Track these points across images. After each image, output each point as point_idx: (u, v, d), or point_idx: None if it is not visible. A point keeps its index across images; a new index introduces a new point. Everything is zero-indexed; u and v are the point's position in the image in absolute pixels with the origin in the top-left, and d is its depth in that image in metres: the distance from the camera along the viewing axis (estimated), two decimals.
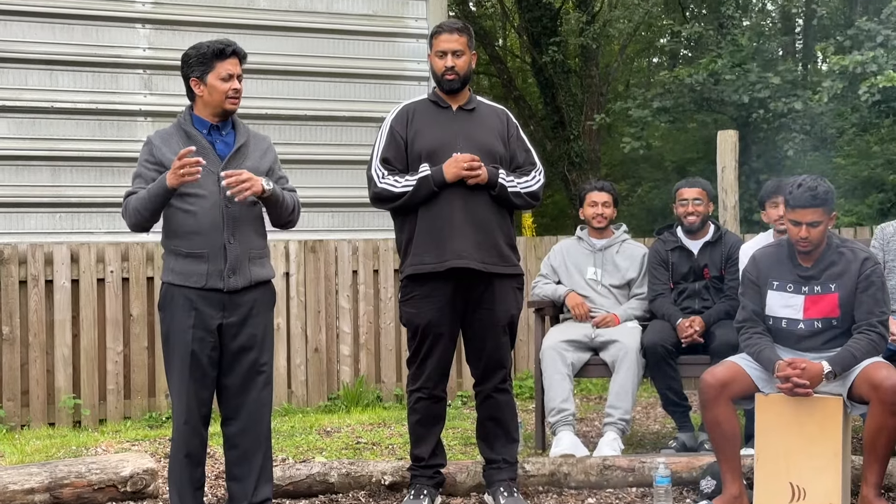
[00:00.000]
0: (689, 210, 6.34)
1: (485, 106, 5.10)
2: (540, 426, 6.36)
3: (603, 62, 19.30)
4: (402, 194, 4.84)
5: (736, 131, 8.78)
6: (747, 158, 14.26)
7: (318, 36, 9.02)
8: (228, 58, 4.40)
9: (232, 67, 4.40)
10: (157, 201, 4.29)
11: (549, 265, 6.65)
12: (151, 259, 7.75)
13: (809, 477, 4.63)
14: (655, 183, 17.43)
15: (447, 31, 4.96)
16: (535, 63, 19.06)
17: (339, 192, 8.78)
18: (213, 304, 4.35)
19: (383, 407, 8.13)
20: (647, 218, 14.71)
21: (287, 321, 8.12)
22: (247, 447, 4.49)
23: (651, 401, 8.05)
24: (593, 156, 18.31)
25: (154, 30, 8.54)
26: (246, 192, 4.26)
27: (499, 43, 22.26)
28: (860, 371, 4.67)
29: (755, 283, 4.96)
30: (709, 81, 14.54)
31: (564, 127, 18.35)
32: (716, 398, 4.77)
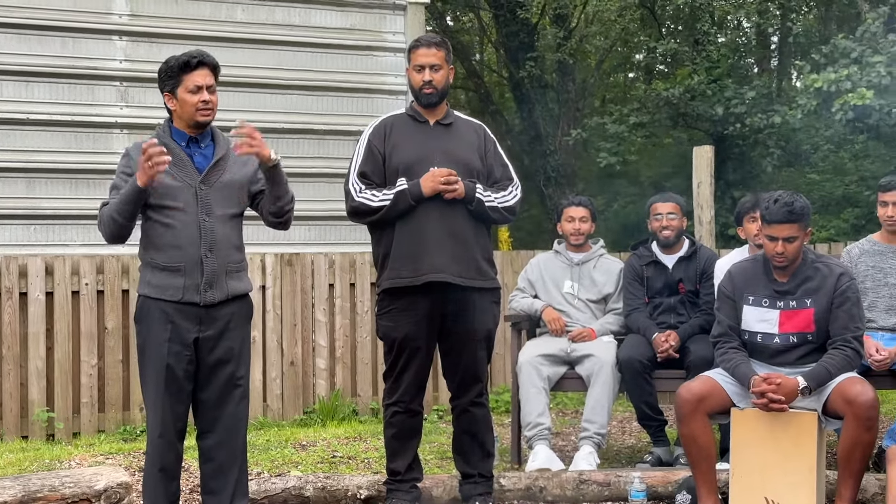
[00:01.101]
0: (663, 224, 6.36)
1: (462, 121, 5.11)
2: (516, 440, 6.36)
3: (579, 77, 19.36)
4: (379, 208, 4.84)
5: (711, 146, 8.81)
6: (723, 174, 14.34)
7: (296, 49, 9.02)
8: (195, 69, 4.36)
9: (200, 79, 4.36)
10: (130, 204, 4.25)
11: (526, 279, 6.66)
12: (127, 272, 7.71)
13: (784, 492, 4.65)
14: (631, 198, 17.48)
15: (425, 46, 4.97)
16: (512, 78, 19.10)
17: (316, 206, 8.77)
18: (189, 318, 4.33)
19: (359, 421, 8.10)
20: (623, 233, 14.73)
21: (263, 334, 8.09)
22: (222, 461, 4.47)
23: (627, 415, 8.05)
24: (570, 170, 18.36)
25: (131, 42, 8.52)
26: (249, 149, 4.25)
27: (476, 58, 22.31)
28: (835, 386, 4.70)
29: (731, 298, 4.98)
30: (685, 97, 14.62)
31: (541, 141, 18.40)
32: (691, 413, 4.78)
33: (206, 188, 4.35)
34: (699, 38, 15.89)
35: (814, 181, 16.20)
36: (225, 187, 4.39)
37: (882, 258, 5.95)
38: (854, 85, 11.08)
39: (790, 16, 17.60)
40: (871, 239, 6.08)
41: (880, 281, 5.93)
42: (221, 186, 4.38)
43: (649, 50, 17.02)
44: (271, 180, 4.39)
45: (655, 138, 16.37)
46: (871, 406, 4.59)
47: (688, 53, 15.75)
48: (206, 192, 4.34)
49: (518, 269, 8.04)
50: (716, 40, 16.33)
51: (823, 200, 15.34)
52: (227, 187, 4.40)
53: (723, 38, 16.97)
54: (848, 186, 15.13)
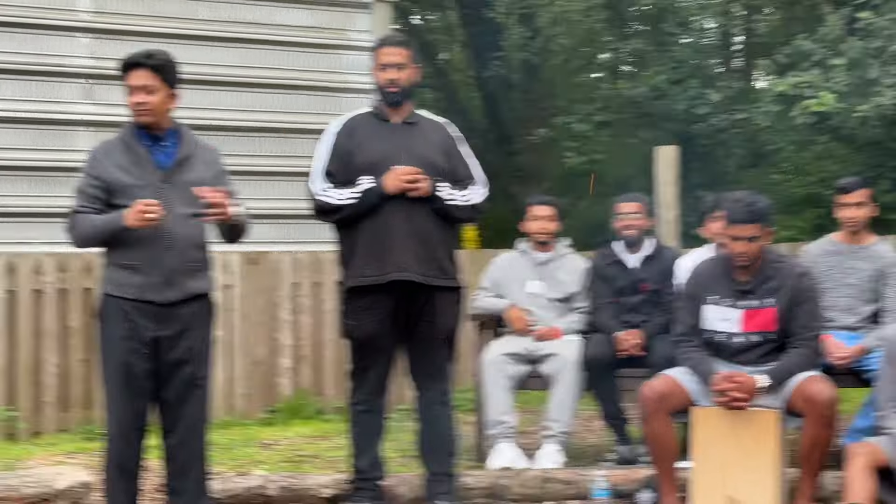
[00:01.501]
0: (626, 224, 6.39)
1: (427, 120, 5.12)
2: (480, 439, 6.37)
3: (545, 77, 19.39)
4: (343, 207, 4.84)
5: (676, 146, 8.85)
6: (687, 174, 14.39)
7: (261, 47, 8.99)
8: (130, 70, 4.39)
9: (134, 80, 4.37)
10: (111, 235, 4.31)
11: (491, 278, 6.67)
12: (90, 270, 7.65)
13: (745, 489, 4.69)
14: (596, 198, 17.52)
15: (390, 45, 4.98)
16: (478, 77, 19.10)
17: (281, 204, 8.75)
18: (147, 316, 4.33)
19: (323, 420, 8.08)
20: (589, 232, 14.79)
21: (227, 333, 8.06)
22: (184, 461, 4.47)
23: (590, 414, 8.07)
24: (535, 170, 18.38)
25: (96, 39, 8.47)
26: (214, 219, 4.26)
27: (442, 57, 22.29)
28: (795, 385, 4.75)
29: (692, 297, 5.02)
30: (649, 96, 14.69)
31: (507, 141, 18.40)
32: (654, 411, 4.82)
33: (166, 187, 4.34)
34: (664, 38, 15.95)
35: (776, 181, 16.30)
36: (186, 186, 4.38)
37: (842, 258, 6.01)
38: (815, 89, 11.17)
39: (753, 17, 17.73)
40: (831, 239, 6.14)
41: (840, 281, 5.99)
42: (183, 185, 4.37)
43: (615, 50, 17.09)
44: (228, 235, 4.44)
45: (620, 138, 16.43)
46: (831, 404, 4.65)
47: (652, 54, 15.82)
48: (166, 191, 4.33)
49: (483, 268, 8.05)
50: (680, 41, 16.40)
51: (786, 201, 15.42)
52: (189, 186, 4.39)
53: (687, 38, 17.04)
54: (810, 187, 15.24)
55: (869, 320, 5.99)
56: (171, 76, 4.43)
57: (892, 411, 4.75)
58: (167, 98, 4.42)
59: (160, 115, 4.41)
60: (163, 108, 4.41)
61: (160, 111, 4.40)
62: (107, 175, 4.34)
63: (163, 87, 4.39)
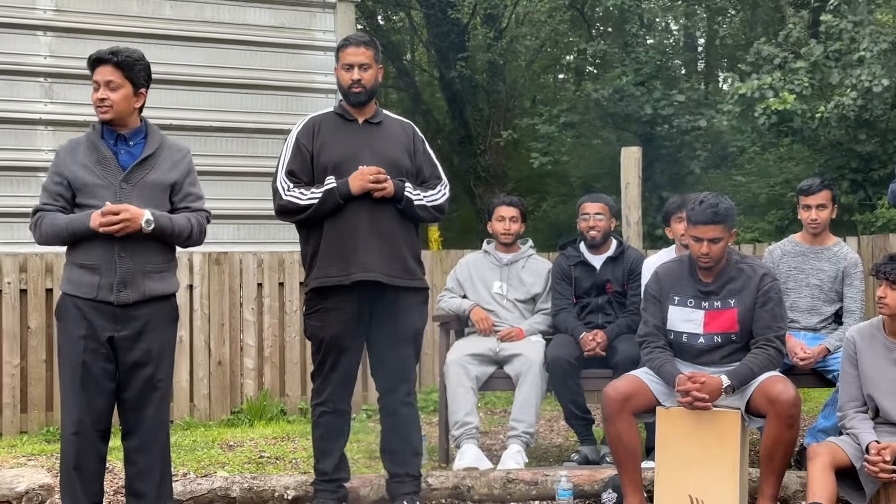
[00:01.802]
0: (590, 224, 6.40)
1: (391, 119, 5.11)
2: (444, 439, 6.37)
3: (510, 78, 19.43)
4: (307, 207, 4.82)
5: (639, 147, 8.88)
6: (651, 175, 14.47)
7: (225, 47, 8.96)
8: (94, 66, 4.37)
9: (98, 76, 4.35)
10: (73, 236, 4.29)
11: (455, 279, 6.67)
12: (50, 270, 7.60)
13: (708, 489, 4.71)
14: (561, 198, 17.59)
15: (354, 45, 4.96)
16: (442, 78, 19.12)
17: (244, 204, 8.72)
18: (104, 317, 4.30)
19: (287, 421, 8.07)
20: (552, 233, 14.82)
21: (190, 334, 8.02)
22: (145, 463, 4.43)
23: (554, 414, 8.10)
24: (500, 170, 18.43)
25: (56, 37, 8.40)
26: (121, 233, 4.22)
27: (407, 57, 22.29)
28: (757, 385, 4.77)
29: (657, 298, 5.03)
30: (614, 97, 14.74)
31: (472, 141, 18.44)
32: (618, 412, 4.83)
33: (127, 187, 4.31)
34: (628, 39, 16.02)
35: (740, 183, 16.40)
36: (148, 187, 4.35)
37: (804, 259, 6.05)
38: (777, 92, 11.25)
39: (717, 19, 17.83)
40: (793, 240, 6.18)
41: (802, 281, 6.03)
42: (144, 186, 4.34)
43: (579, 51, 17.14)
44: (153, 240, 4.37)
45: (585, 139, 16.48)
46: (793, 404, 4.67)
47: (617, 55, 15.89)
48: (126, 191, 4.30)
49: (447, 269, 8.05)
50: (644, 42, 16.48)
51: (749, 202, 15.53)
52: (151, 187, 4.36)
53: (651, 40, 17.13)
54: (773, 188, 15.34)
55: (831, 321, 6.04)
56: (136, 75, 4.39)
57: (853, 411, 4.79)
58: (131, 96, 4.38)
59: (124, 114, 4.37)
60: (126, 107, 4.37)
61: (123, 109, 4.36)
62: (69, 173, 4.31)
63: (127, 84, 4.36)
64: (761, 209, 15.02)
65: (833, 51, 11.43)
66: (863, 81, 10.79)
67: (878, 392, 4.74)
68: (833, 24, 11.37)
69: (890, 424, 4.72)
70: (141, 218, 4.24)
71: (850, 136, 12.22)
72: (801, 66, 11.41)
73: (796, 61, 11.62)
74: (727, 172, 17.15)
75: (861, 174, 12.44)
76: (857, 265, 6.03)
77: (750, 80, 11.73)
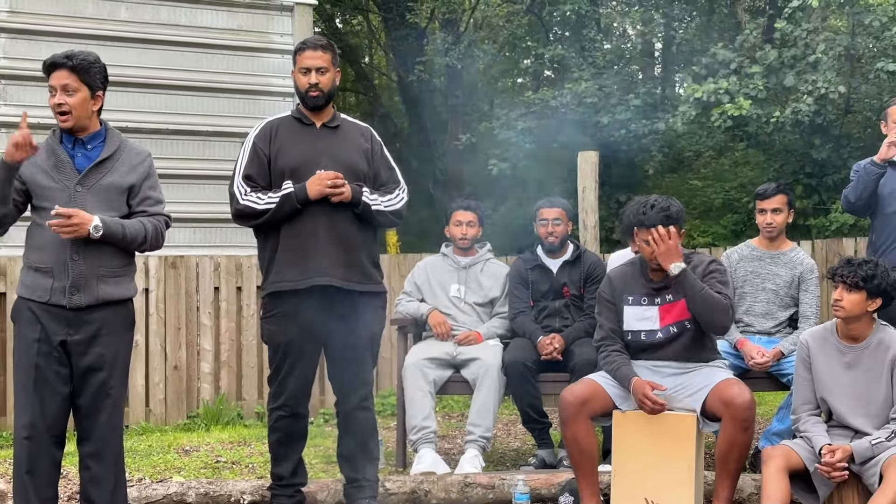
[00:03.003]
0: (549, 230, 6.42)
1: (349, 123, 5.10)
2: (401, 444, 6.37)
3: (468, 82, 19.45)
4: (264, 211, 4.81)
5: (596, 152, 8.91)
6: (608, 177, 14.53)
7: (182, 49, 8.92)
8: (49, 71, 4.34)
9: (55, 80, 4.32)
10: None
11: (413, 283, 6.67)
12: (4, 274, 7.51)
13: (664, 492, 4.74)
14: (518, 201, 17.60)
15: (311, 48, 4.95)
16: (401, 81, 19.11)
17: (201, 208, 8.67)
18: (57, 320, 4.28)
19: (244, 425, 8.03)
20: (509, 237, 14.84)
21: (146, 338, 7.96)
22: (99, 470, 4.40)
23: (512, 418, 8.12)
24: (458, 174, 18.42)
25: (9, 39, 8.32)
26: (69, 235, 4.18)
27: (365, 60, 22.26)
28: (713, 388, 4.80)
29: (610, 302, 5.06)
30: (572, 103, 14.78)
31: (430, 145, 18.44)
32: (575, 415, 4.85)
33: (82, 190, 4.29)
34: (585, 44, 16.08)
35: (696, 187, 16.52)
36: (104, 190, 4.33)
37: (760, 263, 6.10)
38: (732, 96, 11.34)
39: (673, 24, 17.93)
40: (750, 244, 6.23)
41: (758, 286, 6.08)
42: (100, 189, 4.32)
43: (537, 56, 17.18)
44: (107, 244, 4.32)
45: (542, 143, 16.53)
46: (748, 408, 4.71)
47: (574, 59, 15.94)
48: (81, 195, 4.28)
49: (405, 273, 8.04)
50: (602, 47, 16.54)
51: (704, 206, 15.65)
52: (107, 190, 4.34)
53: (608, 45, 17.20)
54: (728, 193, 15.46)
55: (785, 325, 6.10)
56: (93, 78, 4.35)
57: (807, 414, 4.84)
58: (89, 99, 4.35)
59: (81, 117, 4.34)
60: (84, 111, 4.34)
61: (81, 113, 4.33)
62: (26, 174, 4.29)
63: (83, 88, 4.33)
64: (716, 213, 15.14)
65: (789, 57, 11.54)
66: (819, 89, 10.90)
67: (830, 395, 4.80)
68: (787, 30, 11.47)
69: (843, 427, 4.77)
70: (89, 224, 4.20)
71: (805, 142, 12.34)
72: (756, 71, 11.51)
73: (752, 66, 11.72)
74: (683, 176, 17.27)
75: (815, 179, 12.57)
76: (812, 270, 6.09)
77: (706, 83, 11.81)
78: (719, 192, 15.60)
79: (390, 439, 6.80)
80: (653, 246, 4.80)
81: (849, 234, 10.51)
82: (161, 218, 4.48)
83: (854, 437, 4.71)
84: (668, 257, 4.79)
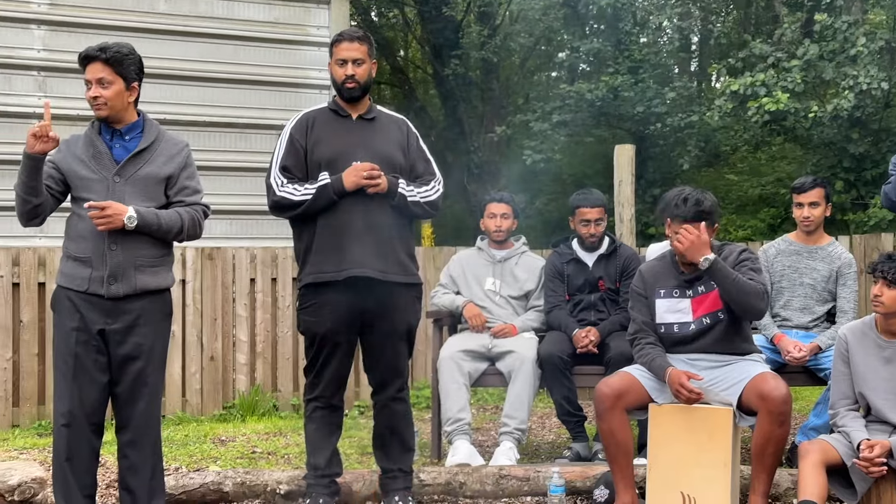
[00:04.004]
0: (591, 231, 6.38)
1: (385, 115, 5.11)
2: (436, 435, 6.38)
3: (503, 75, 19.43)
4: (301, 203, 4.82)
5: (633, 145, 8.89)
6: (644, 172, 14.50)
7: (219, 42, 8.95)
8: (86, 64, 4.37)
9: (90, 73, 4.36)
10: (23, 174, 4.26)
11: (449, 275, 6.67)
12: (43, 264, 7.59)
13: (699, 486, 4.72)
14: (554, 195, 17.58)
15: (348, 40, 4.95)
16: (436, 74, 19.11)
17: (238, 200, 8.71)
18: (95, 309, 4.31)
19: (279, 416, 8.07)
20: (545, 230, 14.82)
21: (183, 329, 8.02)
22: (137, 457, 4.43)
23: (546, 411, 8.12)
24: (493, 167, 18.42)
25: (50, 31, 8.38)
26: (105, 227, 4.23)
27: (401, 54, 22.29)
28: (749, 382, 4.78)
29: (643, 296, 5.05)
30: (608, 97, 14.75)
31: (465, 138, 18.44)
32: (610, 408, 4.83)
33: (120, 181, 4.32)
34: (622, 38, 16.03)
35: (732, 182, 16.45)
36: (141, 181, 4.36)
37: (798, 258, 6.07)
38: (769, 89, 11.27)
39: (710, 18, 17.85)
40: (788, 238, 6.20)
41: (795, 280, 6.05)
42: (137, 180, 4.35)
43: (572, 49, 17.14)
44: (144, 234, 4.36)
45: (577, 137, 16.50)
46: (784, 402, 4.68)
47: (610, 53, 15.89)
48: (119, 185, 4.31)
49: (440, 265, 8.06)
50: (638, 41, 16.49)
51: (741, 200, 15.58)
52: (145, 181, 4.36)
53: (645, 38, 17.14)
54: (764, 187, 15.39)
55: (823, 320, 6.06)
56: (127, 69, 4.39)
57: (845, 409, 4.80)
58: (124, 91, 4.38)
59: (118, 109, 4.38)
60: (120, 102, 4.37)
61: (117, 105, 4.37)
62: (64, 165, 4.34)
63: (118, 80, 4.36)
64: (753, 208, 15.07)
65: (828, 51, 11.45)
66: (860, 84, 10.80)
67: (869, 390, 4.76)
68: (827, 23, 11.38)
69: (881, 422, 4.73)
70: (123, 215, 4.24)
71: (843, 136, 12.25)
72: (794, 65, 11.43)
73: (790, 60, 11.64)
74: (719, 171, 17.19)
75: (853, 173, 12.48)
76: (851, 265, 6.05)
77: (742, 77, 11.74)
78: (756, 187, 15.52)
79: (425, 431, 6.82)
80: (681, 241, 4.78)
81: (888, 230, 10.44)
82: (199, 208, 4.50)
83: (893, 432, 4.67)
84: (696, 252, 4.77)
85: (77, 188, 4.34)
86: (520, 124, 16.38)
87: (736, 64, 12.78)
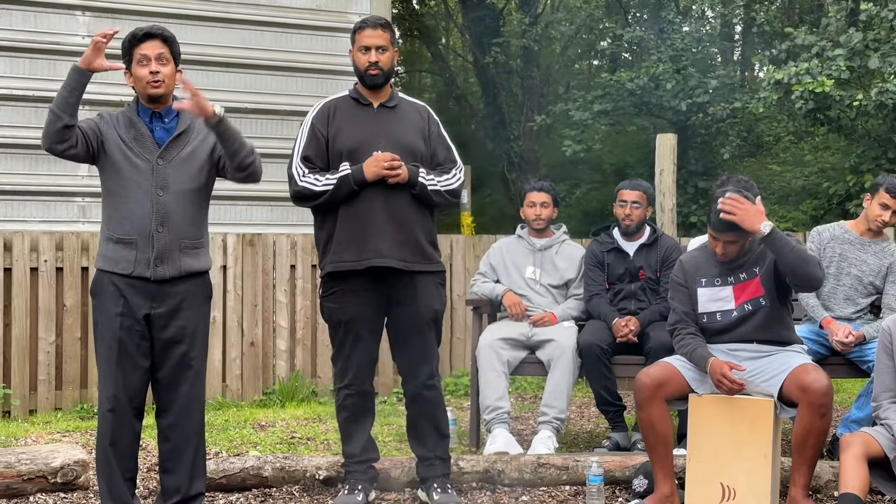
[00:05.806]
0: (626, 212, 6.37)
1: (406, 103, 5.07)
2: (475, 423, 6.38)
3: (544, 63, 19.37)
4: (322, 192, 4.80)
5: (674, 135, 8.84)
6: (685, 162, 14.41)
7: (261, 28, 8.98)
8: (142, 42, 4.34)
9: (148, 49, 4.33)
10: (66, 90, 4.22)
11: (488, 263, 6.66)
12: (86, 249, 7.66)
13: (740, 477, 4.69)
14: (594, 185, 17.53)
15: (371, 27, 4.93)
16: (477, 62, 19.10)
17: (278, 186, 8.62)
18: (140, 293, 4.31)
19: (318, 402, 8.11)
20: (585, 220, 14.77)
21: (223, 314, 8.07)
22: (178, 441, 4.45)
23: (586, 400, 8.10)
24: (533, 156, 18.40)
25: (94, 17, 8.44)
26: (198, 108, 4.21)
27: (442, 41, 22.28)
28: (790, 374, 4.74)
29: (683, 286, 5.01)
30: (649, 86, 14.67)
31: (505, 127, 18.42)
32: (650, 398, 4.81)
33: (163, 163, 4.33)
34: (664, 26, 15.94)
35: (774, 172, 16.32)
36: (184, 162, 4.37)
37: (850, 247, 6.01)
38: (814, 77, 11.16)
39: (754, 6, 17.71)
40: (844, 226, 6.12)
41: (843, 269, 5.99)
42: (180, 161, 4.36)
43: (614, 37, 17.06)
44: (220, 136, 4.33)
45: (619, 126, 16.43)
46: (825, 393, 4.64)
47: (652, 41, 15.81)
48: (163, 167, 4.32)
49: (480, 254, 8.05)
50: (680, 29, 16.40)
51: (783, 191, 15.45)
52: (187, 162, 4.37)
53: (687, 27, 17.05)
54: (808, 178, 15.25)
55: (866, 311, 6.00)
56: (177, 51, 4.42)
57: (888, 402, 4.76)
58: (175, 72, 4.41)
59: (171, 89, 4.40)
60: (172, 82, 4.40)
61: (171, 84, 4.39)
62: (109, 136, 4.32)
63: (171, 59, 4.39)
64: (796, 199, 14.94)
65: (873, 39, 11.32)
66: None
67: None
68: (873, 12, 11.25)
69: None
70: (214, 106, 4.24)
71: (889, 126, 12.11)
72: (839, 54, 11.31)
73: (834, 49, 11.52)
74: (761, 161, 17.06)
75: None
76: None
77: (786, 67, 11.64)
78: (798, 178, 15.39)
79: (464, 419, 6.82)
80: (735, 209, 4.64)
81: None
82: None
83: None
84: (752, 220, 4.66)
85: (118, 170, 4.32)
86: (560, 113, 16.34)
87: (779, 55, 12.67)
